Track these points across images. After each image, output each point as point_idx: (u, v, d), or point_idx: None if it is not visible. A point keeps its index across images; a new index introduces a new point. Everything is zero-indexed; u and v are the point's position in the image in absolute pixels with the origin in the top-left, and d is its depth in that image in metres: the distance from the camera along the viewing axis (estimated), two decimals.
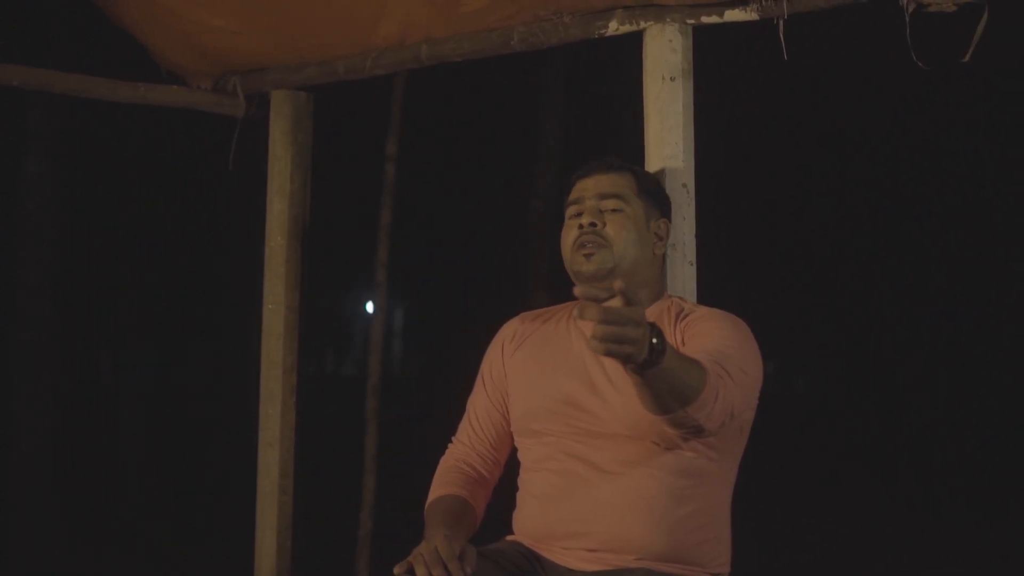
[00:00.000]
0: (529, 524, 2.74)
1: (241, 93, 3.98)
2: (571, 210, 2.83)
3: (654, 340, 2.14)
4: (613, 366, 2.66)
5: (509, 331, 2.95)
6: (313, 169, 4.05)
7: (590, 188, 2.81)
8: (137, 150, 11.28)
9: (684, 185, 3.12)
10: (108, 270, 11.95)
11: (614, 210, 2.77)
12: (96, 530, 9.47)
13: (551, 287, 9.21)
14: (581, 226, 2.76)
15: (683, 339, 2.65)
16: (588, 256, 2.74)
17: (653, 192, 2.87)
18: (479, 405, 2.94)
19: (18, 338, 8.29)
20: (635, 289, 2.56)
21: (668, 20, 3.16)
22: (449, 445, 2.97)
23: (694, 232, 3.14)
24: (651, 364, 2.16)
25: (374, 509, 6.24)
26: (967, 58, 2.80)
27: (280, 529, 3.87)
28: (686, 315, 2.72)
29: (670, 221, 2.92)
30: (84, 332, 11.85)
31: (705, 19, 3.14)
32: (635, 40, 3.26)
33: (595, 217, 2.77)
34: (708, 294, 3.09)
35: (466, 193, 14.54)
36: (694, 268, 3.13)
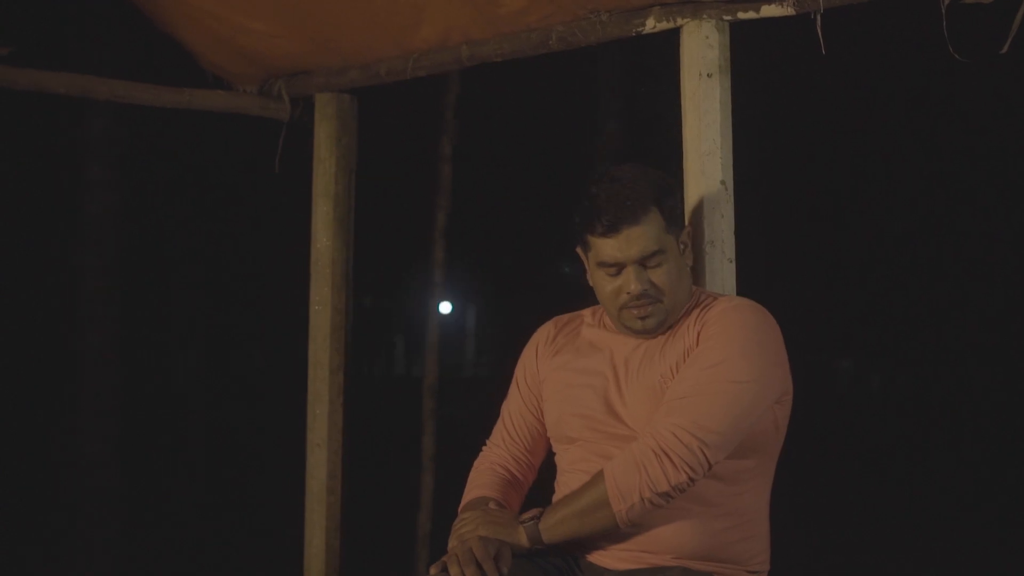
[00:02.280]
0: None
1: (287, 96, 4.02)
2: (604, 269, 2.67)
3: (527, 523, 2.58)
4: (636, 370, 2.69)
5: (543, 335, 2.94)
6: (378, 168, 4.07)
7: (624, 249, 2.62)
8: (193, 155, 11.39)
9: (722, 182, 3.11)
10: (166, 274, 12.08)
11: (656, 265, 2.65)
12: (158, 531, 9.59)
13: None
14: (629, 293, 2.64)
15: (698, 338, 2.64)
16: (644, 318, 2.67)
17: (675, 208, 2.71)
18: (513, 408, 2.94)
19: (82, 343, 8.39)
20: (676, 316, 2.69)
21: (705, 16, 3.15)
22: (483, 448, 2.98)
23: (733, 229, 3.12)
24: (538, 541, 2.58)
25: (432, 510, 6.28)
26: (1005, 50, 2.76)
27: (328, 529, 3.90)
28: (706, 309, 2.70)
29: (688, 223, 2.82)
30: (146, 336, 11.98)
31: (741, 15, 3.12)
32: (673, 37, 3.25)
33: (643, 282, 2.64)
34: (750, 293, 3.06)
35: (527, 192, 14.54)
36: (733, 265, 3.12)
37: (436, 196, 6.88)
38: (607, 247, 2.64)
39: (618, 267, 2.65)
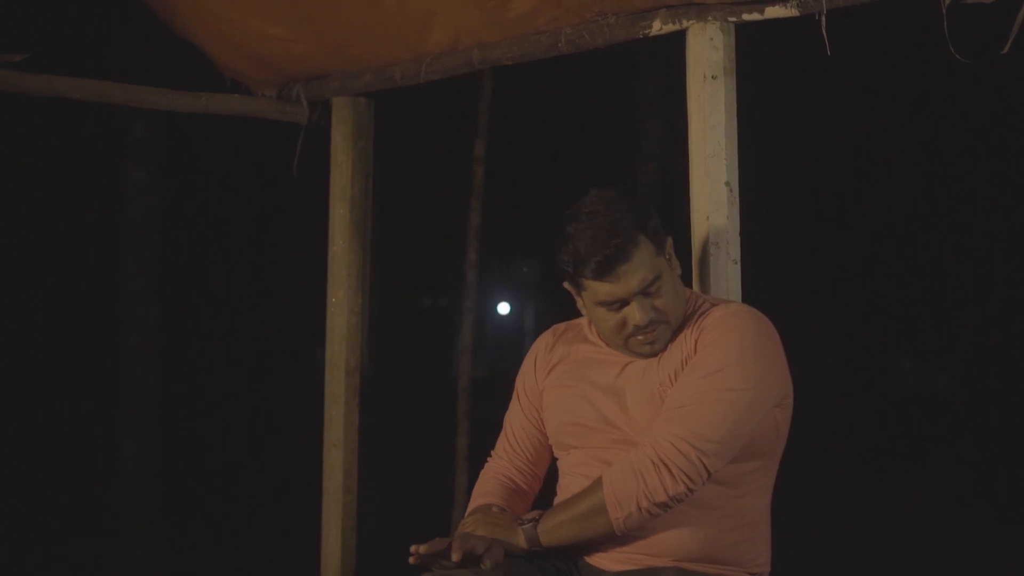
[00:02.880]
0: None
1: (304, 100, 4.06)
2: (608, 307, 2.64)
3: (525, 524, 2.60)
4: (634, 378, 2.69)
5: (542, 345, 2.94)
6: (403, 171, 4.09)
7: (625, 288, 2.59)
8: (231, 159, 11.51)
9: (727, 183, 3.11)
10: (205, 275, 12.20)
11: (655, 292, 2.62)
12: (198, 529, 9.69)
13: None
14: (639, 324, 2.62)
15: (696, 346, 2.64)
16: (651, 343, 2.66)
17: (657, 228, 2.66)
18: (515, 420, 2.95)
19: (124, 343, 8.49)
20: (680, 320, 2.68)
21: (710, 18, 3.15)
22: (488, 459, 2.99)
23: (738, 231, 3.12)
24: (536, 543, 2.59)
25: (465, 510, 6.30)
26: (1007, 50, 2.75)
27: (345, 528, 3.93)
28: (703, 316, 2.69)
29: (667, 232, 2.74)
30: (187, 336, 12.11)
31: (746, 16, 3.12)
32: (680, 39, 3.26)
33: (649, 313, 2.62)
34: (755, 294, 3.06)
35: (569, 195, 14.54)
36: (738, 267, 3.11)
37: (470, 198, 6.94)
38: (604, 288, 2.61)
39: (620, 303, 2.62)
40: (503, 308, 29.97)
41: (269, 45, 3.83)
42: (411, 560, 2.52)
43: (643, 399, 2.65)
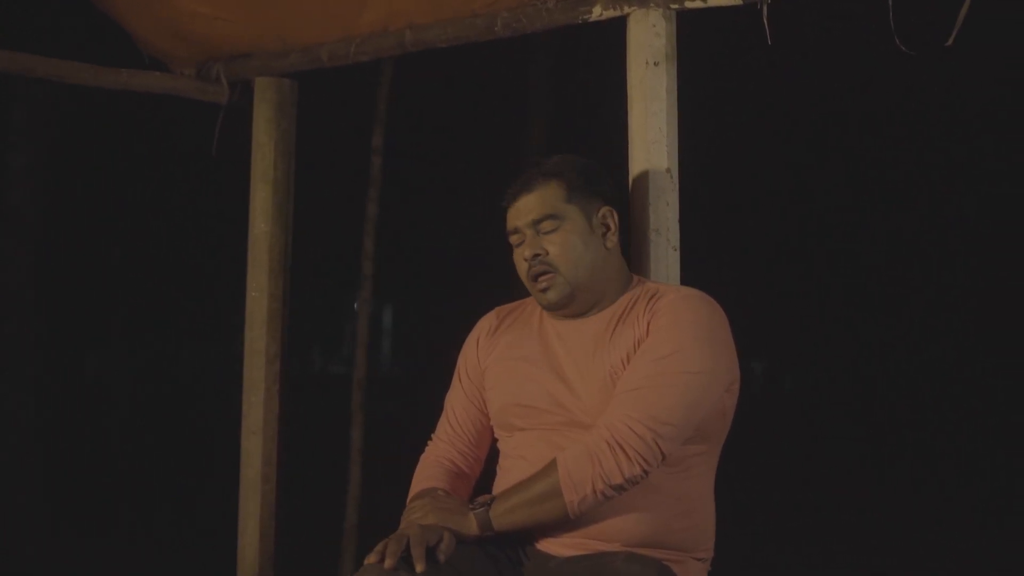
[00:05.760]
0: None
1: (225, 80, 3.97)
2: (512, 239, 2.79)
3: (477, 509, 2.56)
4: (583, 360, 2.68)
5: (485, 325, 2.94)
6: (298, 158, 4.03)
7: (521, 215, 2.75)
8: (120, 142, 11.25)
9: (668, 170, 3.11)
10: (91, 263, 11.92)
11: (551, 231, 2.72)
12: (83, 524, 9.44)
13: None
14: (526, 258, 2.74)
15: (648, 328, 2.64)
16: (544, 290, 2.73)
17: (586, 187, 2.76)
18: (457, 402, 2.92)
19: (0, 332, 8.25)
20: (600, 292, 2.71)
21: (652, 5, 3.14)
22: (428, 443, 2.95)
23: (677, 217, 3.12)
24: (488, 528, 2.56)
25: (360, 502, 6.25)
26: (951, 42, 2.79)
27: (263, 518, 3.85)
28: (656, 299, 2.70)
29: (617, 205, 2.81)
30: (68, 327, 11.81)
31: (689, 4, 3.12)
32: (618, 26, 3.25)
33: (535, 247, 2.72)
34: (693, 281, 3.07)
35: (452, 187, 14.48)
36: (678, 253, 3.12)
37: (368, 187, 6.85)
38: (510, 216, 2.78)
39: (519, 236, 2.75)
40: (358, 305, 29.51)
41: (194, 22, 3.73)
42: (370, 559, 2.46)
43: (594, 381, 2.64)
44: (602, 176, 2.81)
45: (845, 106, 13.13)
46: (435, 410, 2.99)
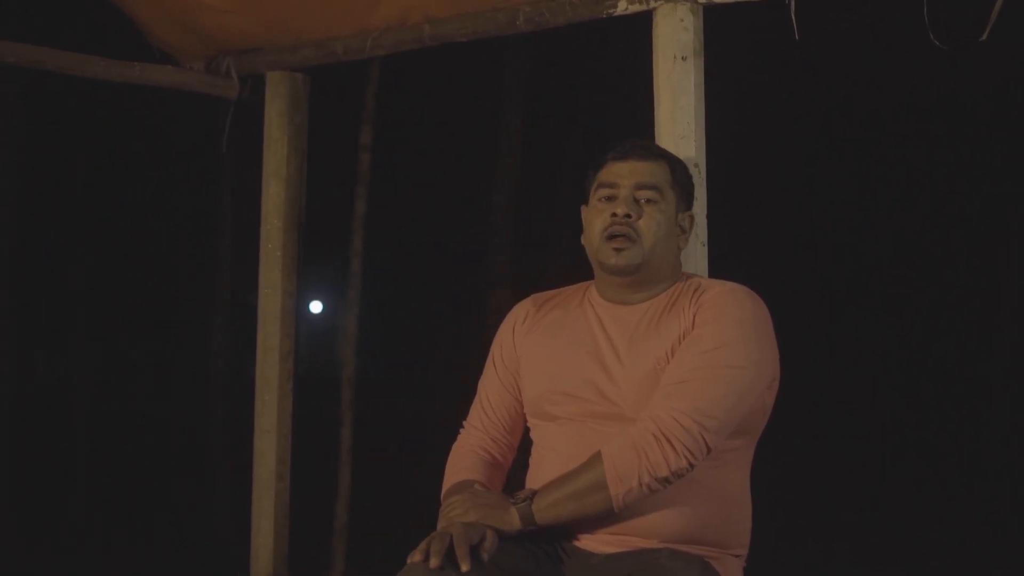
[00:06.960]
0: None
1: (235, 74, 3.92)
2: (602, 192, 2.72)
3: (520, 504, 2.51)
4: (626, 348, 2.66)
5: (521, 312, 2.89)
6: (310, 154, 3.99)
7: (626, 175, 2.70)
8: (99, 139, 11.14)
9: (696, 166, 3.09)
10: (59, 260, 11.80)
11: (649, 201, 2.69)
12: (37, 525, 9.39)
13: (514, 283, 9.15)
14: (615, 215, 2.68)
15: (694, 321, 2.63)
16: (618, 251, 2.67)
17: (684, 184, 2.78)
18: (491, 389, 2.88)
19: None
20: (656, 281, 2.70)
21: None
22: (461, 431, 2.91)
23: (705, 213, 3.11)
24: (531, 522, 2.51)
25: (349, 501, 6.22)
26: (985, 37, 2.79)
27: (277, 516, 3.81)
28: (701, 292, 2.69)
29: (693, 215, 2.84)
30: (27, 325, 11.68)
31: None
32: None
33: (630, 208, 2.67)
34: (719, 276, 3.06)
35: (428, 188, 14.43)
36: (706, 248, 3.11)
37: (356, 185, 6.82)
38: (612, 169, 2.73)
39: (614, 191, 2.70)
40: (316, 307, 29.48)
41: (204, 15, 3.68)
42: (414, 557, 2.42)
43: (636, 370, 2.62)
44: (692, 184, 2.83)
45: (873, 101, 13.05)
46: (431, 410, 2.96)
